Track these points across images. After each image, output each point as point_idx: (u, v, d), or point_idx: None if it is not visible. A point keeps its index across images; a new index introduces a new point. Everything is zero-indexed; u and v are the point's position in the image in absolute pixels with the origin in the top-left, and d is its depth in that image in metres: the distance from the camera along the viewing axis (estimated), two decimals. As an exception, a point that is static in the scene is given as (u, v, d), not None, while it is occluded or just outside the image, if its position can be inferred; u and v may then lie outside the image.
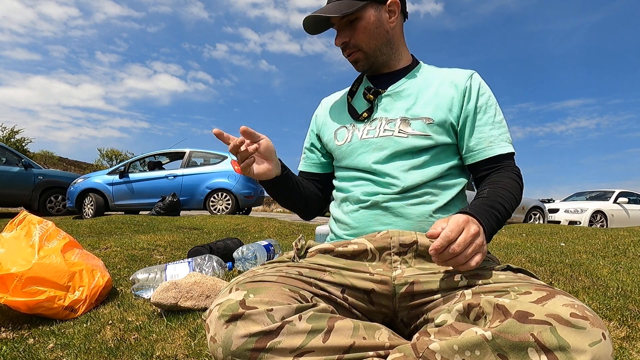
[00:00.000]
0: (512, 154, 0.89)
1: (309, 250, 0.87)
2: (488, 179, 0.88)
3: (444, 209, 0.86)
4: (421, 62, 1.01)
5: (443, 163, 0.89)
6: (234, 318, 0.61)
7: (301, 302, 0.67)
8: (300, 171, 1.10)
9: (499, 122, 0.90)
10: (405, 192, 0.85)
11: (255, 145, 0.81)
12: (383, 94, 0.94)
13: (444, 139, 0.88)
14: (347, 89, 1.05)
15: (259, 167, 0.84)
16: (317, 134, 1.06)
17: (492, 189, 0.82)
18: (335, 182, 1.00)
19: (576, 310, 0.54)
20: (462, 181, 0.91)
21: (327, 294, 0.76)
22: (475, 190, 0.90)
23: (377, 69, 0.97)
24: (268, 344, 0.59)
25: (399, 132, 0.88)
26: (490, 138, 0.88)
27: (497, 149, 0.87)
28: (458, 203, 0.89)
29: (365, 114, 0.94)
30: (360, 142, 0.92)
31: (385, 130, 0.90)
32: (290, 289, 0.69)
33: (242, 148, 0.78)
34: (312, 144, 1.07)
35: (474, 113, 0.89)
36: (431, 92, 0.91)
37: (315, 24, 0.93)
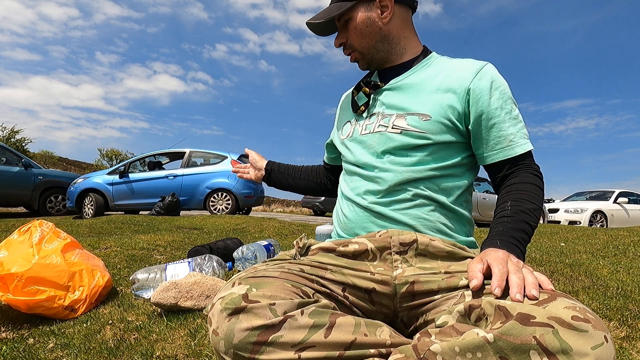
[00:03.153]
0: (531, 151, 0.85)
1: (311, 249, 0.87)
2: (508, 182, 0.84)
3: (446, 210, 0.85)
4: (433, 52, 0.96)
5: (441, 162, 0.85)
6: (236, 311, 0.61)
7: (303, 298, 0.67)
8: (324, 162, 1.21)
9: (516, 117, 0.84)
10: (394, 191, 0.84)
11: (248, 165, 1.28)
12: (383, 88, 0.92)
13: (443, 137, 0.84)
14: None
15: (250, 175, 1.27)
16: (335, 129, 1.09)
17: (516, 204, 0.78)
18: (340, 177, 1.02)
19: (578, 313, 0.54)
20: (465, 182, 0.88)
21: (328, 291, 0.76)
22: (479, 192, 0.90)
23: (379, 65, 0.95)
24: (270, 338, 0.59)
25: (392, 127, 0.87)
26: (510, 136, 0.83)
27: (517, 148, 0.83)
28: (460, 205, 0.88)
29: (362, 108, 0.94)
30: (360, 137, 0.93)
31: (380, 125, 0.89)
32: (292, 285, 0.69)
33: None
34: (332, 139, 1.10)
35: (487, 109, 0.83)
36: (434, 86, 0.87)
37: (320, 28, 0.95)
